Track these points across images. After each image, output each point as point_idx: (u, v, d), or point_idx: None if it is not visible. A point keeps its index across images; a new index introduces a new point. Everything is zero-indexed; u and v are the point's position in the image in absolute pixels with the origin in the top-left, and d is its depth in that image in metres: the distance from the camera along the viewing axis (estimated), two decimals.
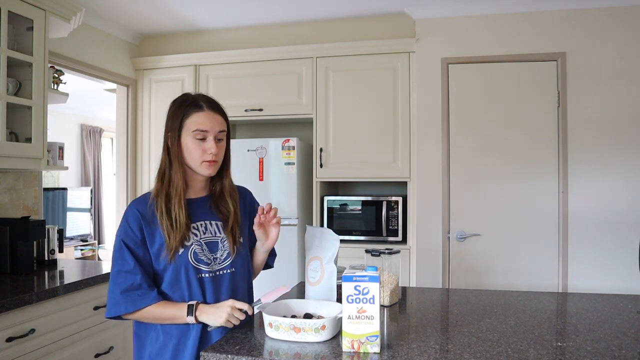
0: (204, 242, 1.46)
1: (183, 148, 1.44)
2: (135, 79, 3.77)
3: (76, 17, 2.63)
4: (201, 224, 1.48)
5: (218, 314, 1.36)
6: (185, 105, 1.46)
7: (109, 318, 1.42)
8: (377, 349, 1.23)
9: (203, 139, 1.44)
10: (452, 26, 3.18)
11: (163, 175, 1.46)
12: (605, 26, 2.97)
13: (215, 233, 1.49)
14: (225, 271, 1.48)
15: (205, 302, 1.44)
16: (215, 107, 1.48)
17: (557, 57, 3.03)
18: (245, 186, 1.69)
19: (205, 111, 1.45)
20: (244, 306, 1.36)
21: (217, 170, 1.49)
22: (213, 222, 1.50)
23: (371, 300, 1.24)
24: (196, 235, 1.46)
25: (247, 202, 1.64)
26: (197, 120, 1.43)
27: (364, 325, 1.23)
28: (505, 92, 3.12)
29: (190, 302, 1.39)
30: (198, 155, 1.44)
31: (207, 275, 1.45)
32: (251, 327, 1.43)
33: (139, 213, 1.43)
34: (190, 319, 1.37)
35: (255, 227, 1.52)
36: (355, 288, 1.25)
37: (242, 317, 1.36)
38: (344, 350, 1.23)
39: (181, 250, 1.42)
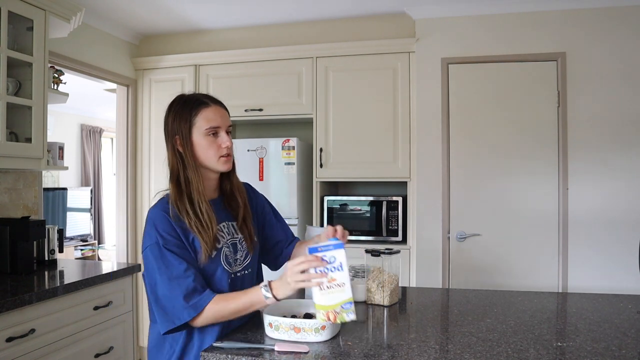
0: (230, 244, 1.45)
1: (196, 147, 1.40)
2: (135, 79, 3.77)
3: (76, 17, 2.63)
4: (223, 226, 1.46)
5: (287, 282, 1.25)
6: (190, 105, 1.42)
7: (167, 333, 1.32)
8: (353, 317, 1.20)
9: (215, 135, 1.41)
10: (452, 26, 3.18)
11: (178, 179, 1.40)
12: (605, 26, 2.97)
13: (234, 234, 1.47)
14: (244, 272, 1.47)
15: None
16: (218, 101, 1.47)
17: (557, 57, 3.03)
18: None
19: (212, 106, 1.43)
20: (301, 260, 1.23)
21: (232, 164, 1.46)
22: (230, 224, 1.48)
23: (339, 268, 1.21)
24: (223, 237, 1.43)
25: (251, 196, 1.61)
26: (207, 117, 1.40)
27: (336, 294, 1.20)
28: (505, 92, 3.11)
29: (263, 284, 1.30)
30: (214, 152, 1.41)
31: (232, 277, 1.43)
32: (251, 327, 1.43)
33: (167, 215, 1.36)
34: (270, 300, 1.29)
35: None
36: (321, 259, 1.22)
37: (305, 266, 1.22)
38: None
39: (214, 253, 1.38)
